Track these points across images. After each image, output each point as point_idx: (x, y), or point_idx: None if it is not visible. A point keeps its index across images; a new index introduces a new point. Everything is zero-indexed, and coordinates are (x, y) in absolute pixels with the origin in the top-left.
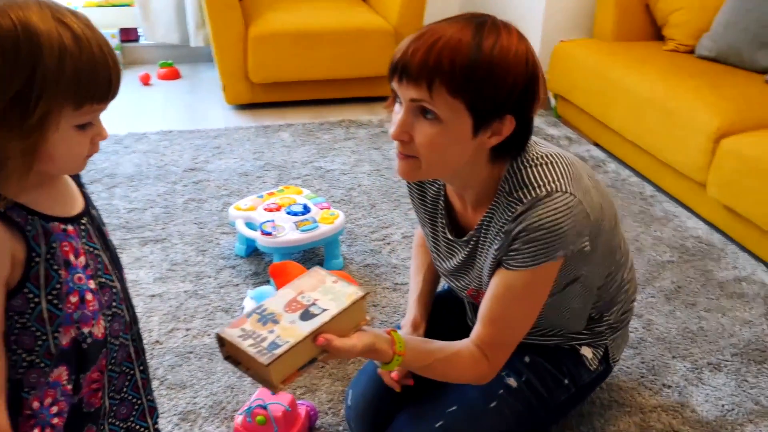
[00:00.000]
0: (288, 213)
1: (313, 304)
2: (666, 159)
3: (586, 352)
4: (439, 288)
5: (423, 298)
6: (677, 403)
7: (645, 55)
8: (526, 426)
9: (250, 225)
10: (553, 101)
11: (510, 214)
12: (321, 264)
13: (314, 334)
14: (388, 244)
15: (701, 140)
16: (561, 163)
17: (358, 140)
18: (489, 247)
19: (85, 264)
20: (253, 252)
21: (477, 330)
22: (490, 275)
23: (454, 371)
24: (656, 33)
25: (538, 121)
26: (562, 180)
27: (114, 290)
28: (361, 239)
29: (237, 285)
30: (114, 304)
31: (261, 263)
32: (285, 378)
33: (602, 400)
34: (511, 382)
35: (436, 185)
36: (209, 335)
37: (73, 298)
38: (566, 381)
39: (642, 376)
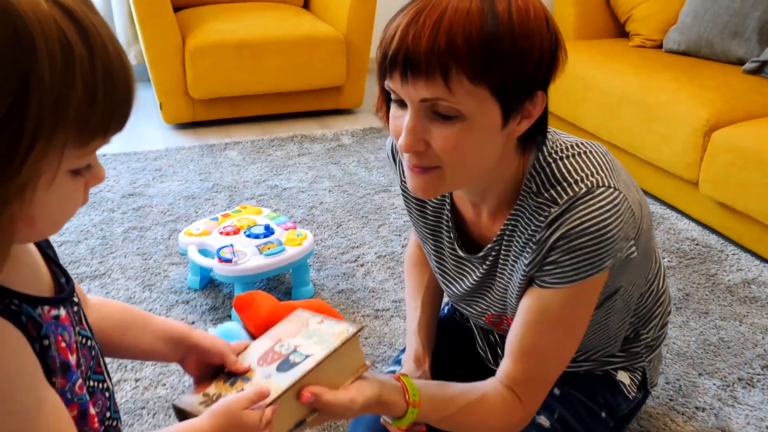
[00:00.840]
0: (248, 236)
1: (294, 351)
2: (648, 158)
3: (623, 377)
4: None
5: (424, 327)
6: (717, 429)
7: (611, 52)
8: None
9: (204, 252)
10: None
11: (542, 218)
12: (289, 293)
13: (296, 388)
14: (362, 265)
15: (689, 135)
16: (596, 152)
17: (313, 156)
18: (515, 261)
19: (77, 363)
20: (208, 283)
21: (506, 366)
22: (519, 296)
23: (481, 421)
24: (619, 29)
25: None
26: (602, 173)
27: (107, 394)
28: (331, 262)
29: (193, 323)
30: (108, 414)
31: (219, 296)
32: None
33: (632, 431)
34: (543, 421)
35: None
36: (164, 385)
37: (70, 414)
38: (603, 414)
39: (671, 399)
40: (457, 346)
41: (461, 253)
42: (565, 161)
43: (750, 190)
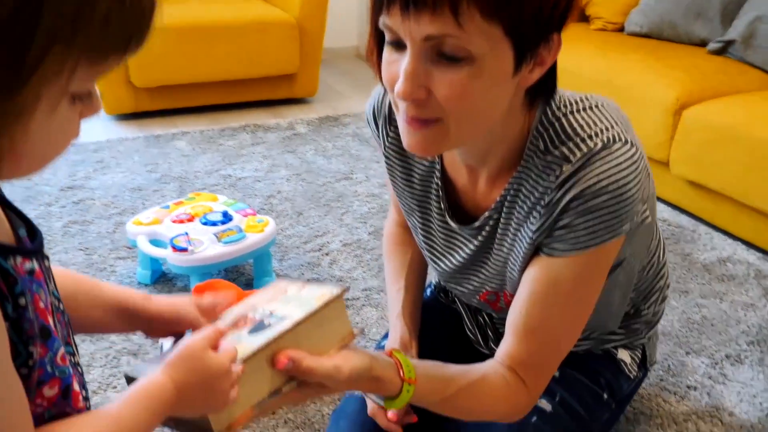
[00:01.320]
0: (204, 223)
1: (270, 314)
2: None
3: (624, 356)
4: None
5: (409, 310)
6: (711, 407)
7: (574, 36)
8: None
9: (156, 243)
10: None
11: (552, 178)
12: (250, 284)
13: (270, 351)
14: (327, 254)
15: (659, 115)
16: (607, 105)
17: (268, 145)
18: (517, 229)
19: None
20: (160, 277)
21: (508, 346)
22: (522, 268)
23: (482, 404)
24: (579, 14)
25: None
26: (617, 127)
27: (79, 369)
28: (294, 252)
29: None
30: (84, 394)
31: (173, 290)
32: (232, 421)
33: (626, 413)
34: (544, 405)
35: (428, 158)
36: (115, 388)
37: (50, 391)
38: (605, 396)
39: (661, 380)
40: (444, 329)
41: (452, 225)
42: (576, 115)
43: (722, 168)
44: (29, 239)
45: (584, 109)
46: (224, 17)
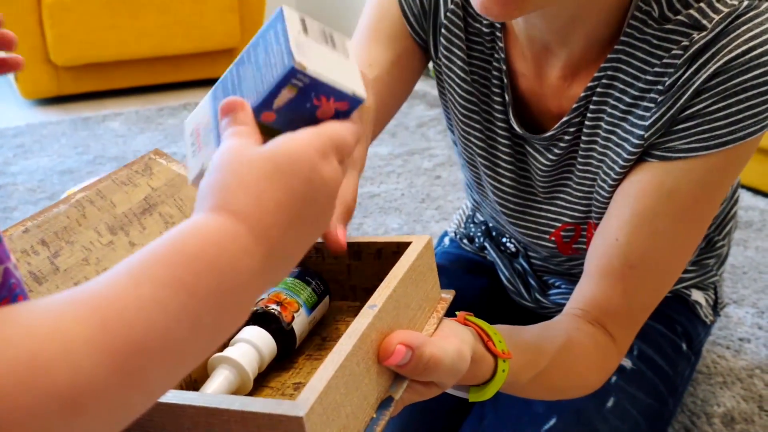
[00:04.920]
0: None
1: None
2: None
3: (698, 297)
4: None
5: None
6: None
7: None
8: (659, 426)
9: None
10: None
11: (678, 51)
12: None
13: (371, 337)
14: None
15: None
16: None
17: None
18: (611, 131)
19: None
20: None
21: (594, 291)
22: (615, 185)
23: (574, 378)
24: None
25: (422, 85)
26: None
27: None
28: None
29: None
30: None
31: None
32: None
33: None
34: (624, 362)
35: (488, 31)
36: None
37: None
38: (684, 346)
39: (709, 335)
40: (475, 282)
41: (518, 130)
42: None
43: None
44: None
45: None
46: None
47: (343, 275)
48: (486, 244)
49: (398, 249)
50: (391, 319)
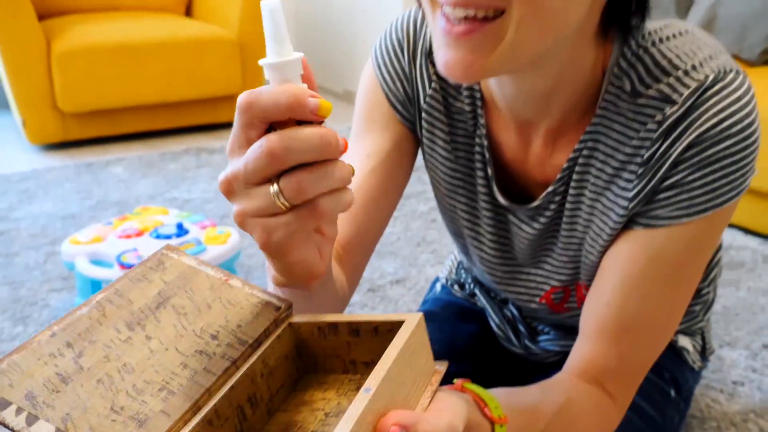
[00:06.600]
0: (156, 237)
1: None
2: None
3: (685, 343)
4: (439, 294)
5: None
6: (767, 402)
7: None
8: None
9: (98, 263)
10: None
11: (650, 126)
12: None
13: (368, 417)
14: None
15: None
16: (696, 30)
17: (214, 167)
18: (596, 199)
19: None
20: None
21: (590, 352)
22: (605, 249)
23: None
24: None
25: None
26: (722, 54)
27: None
28: (259, 271)
29: None
30: None
31: None
32: None
33: None
34: None
35: (470, 109)
36: None
37: None
38: (672, 392)
39: (702, 377)
40: (465, 328)
41: (501, 201)
42: (667, 44)
43: None
44: None
45: (674, 36)
46: (158, 35)
47: (344, 350)
48: (476, 291)
49: (392, 327)
50: (386, 400)
